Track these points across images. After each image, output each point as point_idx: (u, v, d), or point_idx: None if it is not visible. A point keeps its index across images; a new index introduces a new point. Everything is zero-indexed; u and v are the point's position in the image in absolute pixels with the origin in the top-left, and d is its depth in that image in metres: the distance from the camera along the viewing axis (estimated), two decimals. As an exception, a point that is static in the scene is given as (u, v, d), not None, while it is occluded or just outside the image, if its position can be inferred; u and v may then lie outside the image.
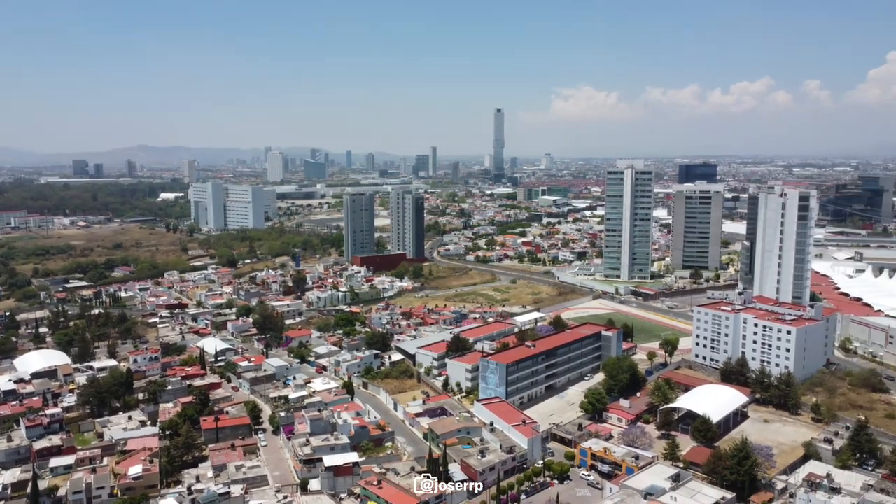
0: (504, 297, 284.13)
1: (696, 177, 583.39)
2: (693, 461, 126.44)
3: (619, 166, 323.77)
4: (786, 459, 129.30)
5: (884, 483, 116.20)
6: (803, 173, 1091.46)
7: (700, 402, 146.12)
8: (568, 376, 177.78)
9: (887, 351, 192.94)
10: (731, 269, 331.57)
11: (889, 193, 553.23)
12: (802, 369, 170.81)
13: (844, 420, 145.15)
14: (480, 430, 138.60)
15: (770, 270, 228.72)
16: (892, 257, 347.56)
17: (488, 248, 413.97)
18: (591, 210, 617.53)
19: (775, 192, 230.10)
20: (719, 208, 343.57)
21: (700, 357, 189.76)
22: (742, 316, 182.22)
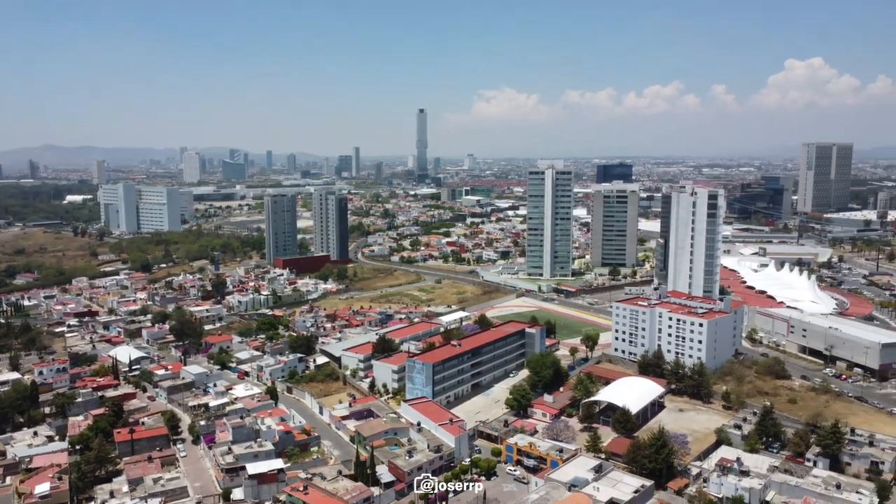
0: (429, 297, 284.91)
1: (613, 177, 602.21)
2: (614, 452, 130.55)
3: (540, 167, 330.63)
4: (700, 446, 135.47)
5: (787, 464, 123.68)
6: (712, 173, 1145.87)
7: (620, 395, 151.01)
8: (493, 374, 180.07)
9: (789, 340, 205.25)
10: (647, 265, 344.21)
11: (788, 192, 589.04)
12: (713, 359, 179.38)
13: (752, 406, 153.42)
14: (408, 431, 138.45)
15: (683, 266, 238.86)
16: (792, 252, 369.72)
17: (413, 248, 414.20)
18: (513, 210, 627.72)
19: (686, 191, 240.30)
20: (635, 207, 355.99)
21: (619, 351, 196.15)
22: (658, 310, 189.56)
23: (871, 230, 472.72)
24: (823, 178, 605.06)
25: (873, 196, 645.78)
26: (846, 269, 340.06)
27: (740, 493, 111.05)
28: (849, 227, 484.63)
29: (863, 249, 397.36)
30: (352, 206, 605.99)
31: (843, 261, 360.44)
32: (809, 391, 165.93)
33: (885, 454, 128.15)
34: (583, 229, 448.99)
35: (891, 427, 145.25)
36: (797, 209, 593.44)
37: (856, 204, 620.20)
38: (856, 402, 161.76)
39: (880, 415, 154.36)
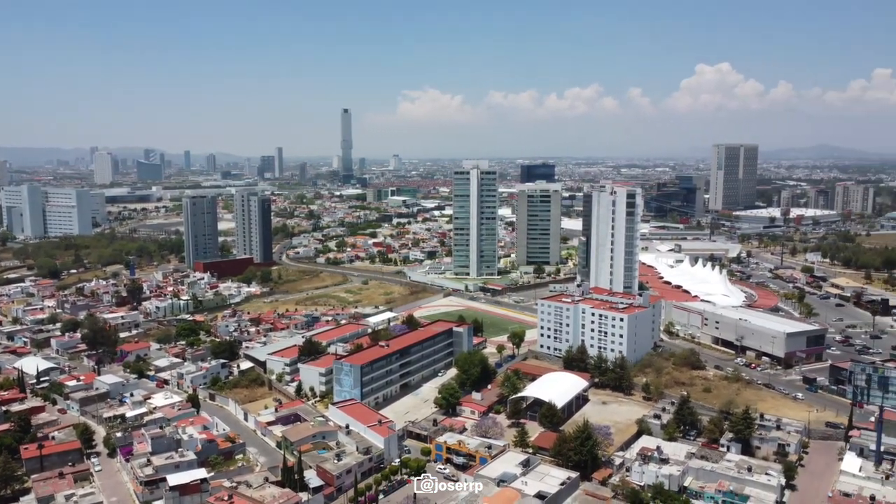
0: (356, 299, 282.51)
1: (537, 177, 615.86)
2: (541, 446, 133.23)
3: (466, 167, 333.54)
4: (622, 436, 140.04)
5: (703, 450, 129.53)
6: (630, 173, 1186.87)
7: (546, 390, 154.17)
8: (422, 374, 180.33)
9: (703, 332, 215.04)
10: (570, 262, 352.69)
11: (701, 191, 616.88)
12: (634, 353, 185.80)
13: (670, 396, 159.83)
14: (336, 434, 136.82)
15: (604, 263, 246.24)
16: (705, 248, 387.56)
17: (339, 249, 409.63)
18: (439, 210, 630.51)
19: (606, 190, 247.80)
20: (558, 206, 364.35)
21: (545, 347, 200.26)
22: (581, 306, 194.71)
23: (775, 226, 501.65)
24: (732, 178, 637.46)
25: (777, 194, 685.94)
26: (754, 263, 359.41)
27: (660, 479, 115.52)
28: (756, 223, 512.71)
29: (768, 245, 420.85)
30: (275, 208, 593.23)
31: (751, 256, 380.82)
32: (722, 380, 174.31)
33: (791, 437, 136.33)
34: (508, 228, 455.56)
35: (795, 411, 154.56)
36: (709, 207, 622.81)
37: (762, 202, 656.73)
38: (764, 388, 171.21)
39: (786, 400, 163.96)
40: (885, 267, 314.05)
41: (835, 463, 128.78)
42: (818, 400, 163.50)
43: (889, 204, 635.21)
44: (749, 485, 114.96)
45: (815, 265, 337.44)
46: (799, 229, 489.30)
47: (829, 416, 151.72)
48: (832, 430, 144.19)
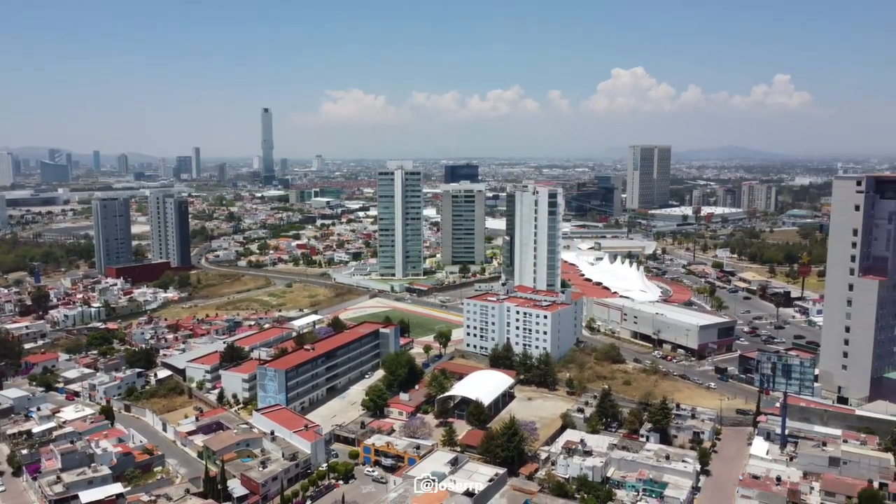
0: (280, 302, 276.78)
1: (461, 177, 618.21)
2: (469, 444, 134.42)
3: (390, 167, 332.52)
4: (547, 431, 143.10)
5: (625, 441, 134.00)
6: (551, 173, 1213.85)
7: (473, 388, 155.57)
8: (349, 376, 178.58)
9: (622, 327, 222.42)
10: (494, 262, 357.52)
11: (618, 191, 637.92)
12: (558, 349, 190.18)
13: (593, 390, 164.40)
14: (261, 441, 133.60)
15: (527, 261, 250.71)
16: (623, 246, 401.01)
17: (261, 252, 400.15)
18: (364, 210, 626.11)
19: (529, 190, 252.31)
20: (482, 206, 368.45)
21: (471, 346, 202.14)
22: (506, 305, 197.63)
23: (688, 224, 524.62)
24: (647, 178, 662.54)
25: (689, 193, 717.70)
26: (669, 259, 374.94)
27: (584, 471, 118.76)
28: (670, 221, 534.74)
29: (682, 242, 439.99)
30: (193, 210, 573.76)
31: (666, 252, 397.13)
32: (641, 372, 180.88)
33: (705, 424, 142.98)
34: (433, 229, 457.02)
35: (708, 400, 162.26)
36: (626, 206, 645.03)
37: (675, 201, 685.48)
38: (680, 379, 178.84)
39: (700, 390, 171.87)
40: (786, 261, 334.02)
41: (745, 447, 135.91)
42: (729, 388, 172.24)
43: (790, 202, 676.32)
44: (667, 472, 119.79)
45: (724, 261, 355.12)
46: (709, 227, 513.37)
47: (739, 403, 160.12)
48: (742, 417, 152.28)
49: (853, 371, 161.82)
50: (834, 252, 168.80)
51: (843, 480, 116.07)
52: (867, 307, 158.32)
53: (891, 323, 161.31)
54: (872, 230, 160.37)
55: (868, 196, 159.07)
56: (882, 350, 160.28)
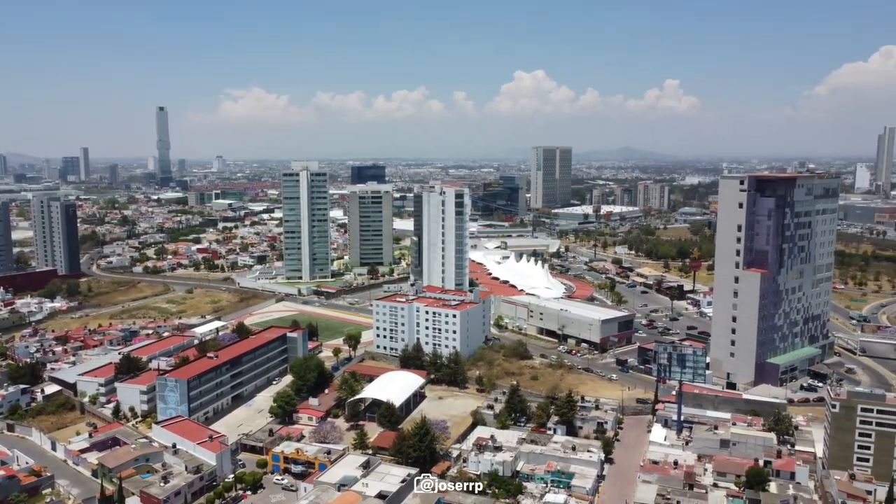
0: (180, 309, 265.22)
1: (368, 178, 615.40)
2: (381, 446, 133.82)
3: (295, 168, 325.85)
4: (459, 429, 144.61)
5: (533, 434, 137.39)
6: (457, 174, 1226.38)
7: (383, 390, 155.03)
8: (255, 383, 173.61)
9: (529, 323, 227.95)
10: (403, 262, 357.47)
11: (523, 191, 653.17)
12: (467, 347, 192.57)
13: (502, 387, 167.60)
14: (162, 455, 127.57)
15: (436, 261, 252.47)
16: (529, 244, 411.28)
17: (159, 257, 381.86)
18: (268, 213, 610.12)
19: (436, 191, 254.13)
20: (390, 207, 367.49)
21: (381, 347, 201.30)
22: (415, 305, 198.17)
23: (589, 222, 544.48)
24: (550, 178, 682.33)
25: (589, 193, 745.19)
26: (571, 257, 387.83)
27: (495, 467, 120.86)
28: (572, 220, 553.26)
29: (583, 239, 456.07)
30: (83, 214, 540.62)
31: (569, 250, 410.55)
32: (548, 367, 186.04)
33: (608, 415, 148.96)
34: (340, 230, 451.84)
35: (610, 391, 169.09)
36: (531, 206, 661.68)
37: (576, 200, 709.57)
38: (584, 373, 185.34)
39: (603, 382, 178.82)
40: (679, 256, 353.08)
41: (645, 435, 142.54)
42: (629, 379, 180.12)
43: (681, 200, 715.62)
44: (574, 463, 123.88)
45: (623, 257, 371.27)
46: (609, 225, 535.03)
47: (639, 393, 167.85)
48: (642, 406, 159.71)
49: (740, 358, 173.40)
50: (721, 247, 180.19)
51: (732, 461, 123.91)
52: (751, 298, 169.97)
53: (772, 312, 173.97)
54: (754, 226, 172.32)
55: (750, 194, 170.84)
56: (764, 337, 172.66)
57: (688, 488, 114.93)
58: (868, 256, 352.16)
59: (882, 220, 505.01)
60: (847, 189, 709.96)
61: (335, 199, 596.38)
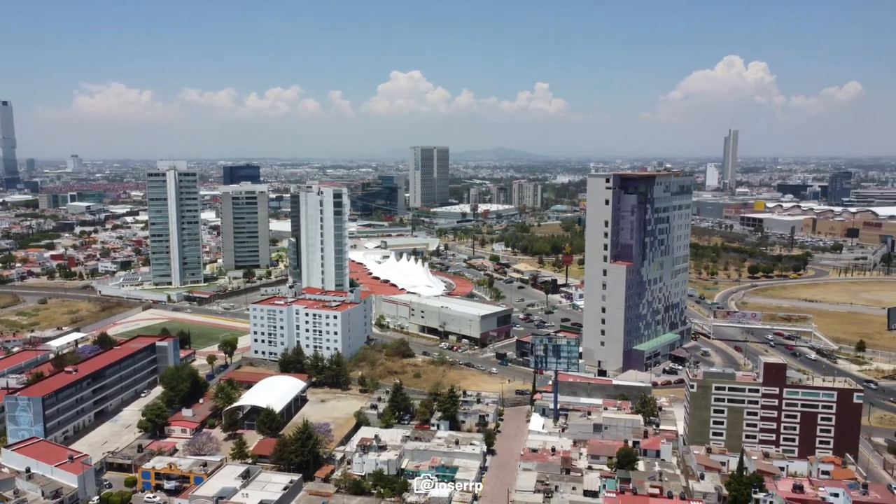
0: (32, 321, 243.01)
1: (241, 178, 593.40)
2: (262, 453, 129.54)
3: (161, 168, 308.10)
4: (342, 431, 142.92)
5: (417, 432, 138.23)
6: (335, 174, 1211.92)
7: (263, 396, 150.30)
8: (121, 397, 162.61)
9: (411, 322, 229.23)
10: (281, 264, 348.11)
11: (402, 190, 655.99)
12: (349, 348, 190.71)
13: (385, 386, 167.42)
14: (13, 482, 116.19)
15: (315, 262, 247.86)
16: (408, 243, 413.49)
17: (5, 265, 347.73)
18: (132, 215, 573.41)
19: (314, 191, 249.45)
20: (265, 208, 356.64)
21: (260, 352, 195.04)
22: (294, 308, 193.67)
23: (467, 221, 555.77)
24: (428, 177, 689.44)
25: (467, 192, 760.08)
26: (451, 255, 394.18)
27: (380, 466, 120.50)
28: (450, 219, 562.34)
29: (462, 237, 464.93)
30: None
31: (448, 248, 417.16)
32: (430, 364, 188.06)
33: (489, 407, 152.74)
34: (213, 233, 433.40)
35: (491, 384, 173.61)
36: (410, 205, 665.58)
37: (454, 199, 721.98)
38: (465, 368, 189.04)
39: (483, 376, 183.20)
40: (553, 252, 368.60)
41: (524, 424, 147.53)
42: (509, 372, 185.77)
43: (553, 198, 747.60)
44: (457, 457, 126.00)
45: (500, 254, 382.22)
46: (486, 222, 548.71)
47: (518, 384, 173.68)
48: (521, 397, 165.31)
49: (609, 346, 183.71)
50: (590, 242, 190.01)
51: (605, 443, 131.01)
52: (618, 290, 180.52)
53: (637, 302, 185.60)
54: (619, 221, 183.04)
55: (615, 192, 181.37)
56: (631, 326, 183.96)
57: (565, 473, 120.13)
58: (718, 248, 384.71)
59: (729, 214, 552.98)
60: (699, 187, 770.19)
61: (207, 201, 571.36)
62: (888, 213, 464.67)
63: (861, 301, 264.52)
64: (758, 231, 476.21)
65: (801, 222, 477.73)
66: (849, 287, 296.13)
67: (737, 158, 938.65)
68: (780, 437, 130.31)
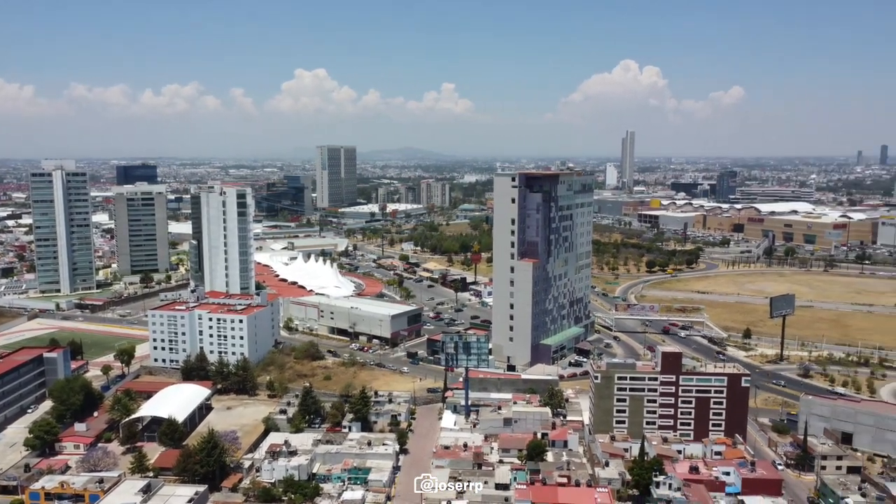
0: None
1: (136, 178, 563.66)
2: (164, 466, 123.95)
3: (46, 168, 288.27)
4: (250, 438, 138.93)
5: (328, 435, 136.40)
6: (238, 174, 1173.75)
7: (164, 406, 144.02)
8: (5, 413, 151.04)
9: (320, 323, 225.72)
10: (181, 268, 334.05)
11: (309, 190, 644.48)
12: (256, 353, 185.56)
13: (294, 390, 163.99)
14: None
15: (218, 265, 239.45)
16: (316, 244, 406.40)
17: None
18: (14, 219, 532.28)
19: (216, 191, 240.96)
20: (163, 209, 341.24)
21: (160, 360, 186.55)
22: (197, 312, 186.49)
23: (375, 220, 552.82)
24: (336, 177, 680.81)
25: (375, 192, 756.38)
26: (360, 255, 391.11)
27: (290, 472, 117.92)
28: (359, 219, 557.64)
29: (371, 237, 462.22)
30: None
31: (357, 248, 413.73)
32: (341, 366, 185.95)
33: (401, 407, 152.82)
34: (106, 236, 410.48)
35: (402, 384, 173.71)
36: (317, 205, 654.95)
37: (363, 199, 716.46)
38: (377, 368, 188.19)
39: (395, 375, 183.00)
40: (461, 250, 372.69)
41: (436, 422, 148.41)
42: (420, 371, 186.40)
43: (461, 197, 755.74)
44: (370, 458, 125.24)
45: (409, 253, 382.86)
46: (395, 222, 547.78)
47: (430, 383, 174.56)
48: (433, 395, 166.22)
49: (518, 342, 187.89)
50: (497, 240, 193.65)
51: (515, 437, 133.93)
52: (525, 286, 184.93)
53: (543, 298, 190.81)
54: (525, 219, 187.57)
55: (521, 190, 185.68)
56: (538, 321, 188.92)
57: (477, 467, 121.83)
58: (618, 244, 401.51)
59: (628, 212, 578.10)
60: (599, 185, 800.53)
61: (99, 202, 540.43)
62: (769, 210, 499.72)
63: (747, 292, 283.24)
64: (654, 227, 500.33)
65: (693, 219, 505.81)
66: (736, 279, 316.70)
67: (634, 158, 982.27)
68: (678, 422, 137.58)
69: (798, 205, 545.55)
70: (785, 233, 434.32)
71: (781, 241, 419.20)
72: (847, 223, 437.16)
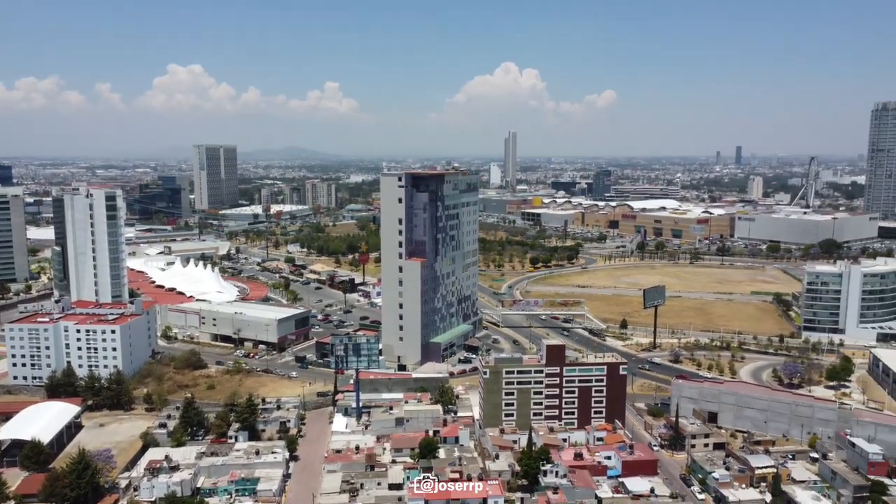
0: None
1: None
2: (28, 493, 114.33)
3: None
4: (127, 456, 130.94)
5: (213, 447, 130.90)
6: (107, 175, 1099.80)
7: (26, 427, 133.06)
8: None
9: (202, 331, 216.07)
10: (43, 277, 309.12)
11: (186, 192, 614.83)
12: (131, 364, 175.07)
13: (175, 402, 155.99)
14: None
15: (86, 273, 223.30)
16: (196, 248, 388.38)
17: None
18: None
19: (81, 193, 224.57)
20: (20, 213, 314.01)
21: (20, 378, 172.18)
22: (62, 324, 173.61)
23: (259, 222, 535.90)
24: (215, 178, 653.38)
25: (258, 193, 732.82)
26: (243, 258, 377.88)
27: (172, 489, 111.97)
28: (241, 220, 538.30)
29: (254, 240, 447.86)
30: None
31: (240, 251, 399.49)
32: (225, 374, 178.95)
33: (290, 413, 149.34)
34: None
35: (291, 389, 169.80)
36: (195, 207, 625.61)
37: (245, 200, 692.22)
38: (264, 374, 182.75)
39: (283, 381, 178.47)
40: (349, 251, 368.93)
41: (327, 426, 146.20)
42: (309, 375, 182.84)
43: (347, 198, 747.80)
44: (258, 467, 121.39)
45: (295, 255, 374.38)
46: (279, 224, 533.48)
47: (320, 386, 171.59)
48: (323, 399, 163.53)
49: (408, 341, 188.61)
50: (385, 240, 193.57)
51: (407, 436, 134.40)
52: (414, 285, 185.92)
53: (432, 296, 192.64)
54: (413, 219, 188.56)
55: (407, 190, 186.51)
56: (427, 320, 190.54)
57: (370, 469, 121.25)
58: (503, 242, 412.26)
59: (511, 210, 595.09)
60: (484, 185, 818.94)
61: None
62: (640, 207, 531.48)
63: (623, 284, 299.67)
64: (537, 225, 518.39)
65: (572, 216, 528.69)
66: (612, 272, 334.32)
67: (516, 158, 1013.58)
68: (563, 412, 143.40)
69: (666, 202, 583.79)
70: (655, 228, 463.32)
71: (652, 235, 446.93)
72: (709, 218, 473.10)
